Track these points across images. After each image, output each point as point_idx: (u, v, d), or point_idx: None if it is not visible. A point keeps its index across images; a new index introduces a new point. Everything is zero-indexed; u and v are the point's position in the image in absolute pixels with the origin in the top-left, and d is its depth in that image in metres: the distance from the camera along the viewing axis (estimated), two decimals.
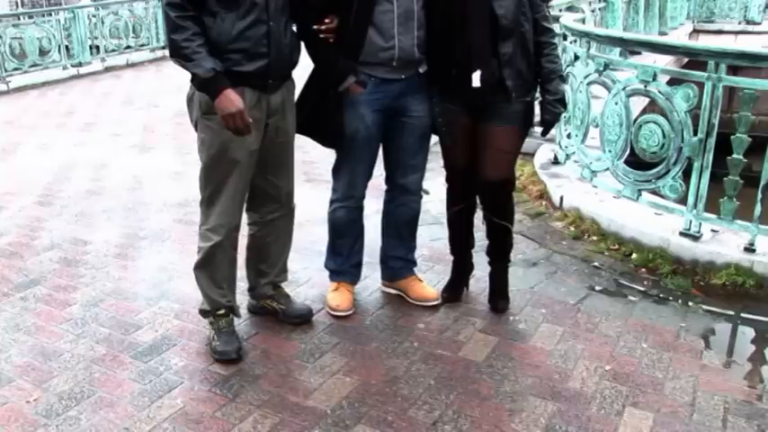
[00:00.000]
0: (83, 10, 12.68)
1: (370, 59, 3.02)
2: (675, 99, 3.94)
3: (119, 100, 9.69)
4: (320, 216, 3.54)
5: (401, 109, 3.17)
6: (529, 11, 3.07)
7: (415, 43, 3.05)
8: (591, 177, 4.69)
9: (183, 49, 2.67)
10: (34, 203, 5.31)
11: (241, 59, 2.75)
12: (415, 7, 3.02)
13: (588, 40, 4.68)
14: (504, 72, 3.04)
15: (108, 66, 12.51)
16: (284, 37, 2.86)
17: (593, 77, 4.57)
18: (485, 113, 3.15)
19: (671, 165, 4.03)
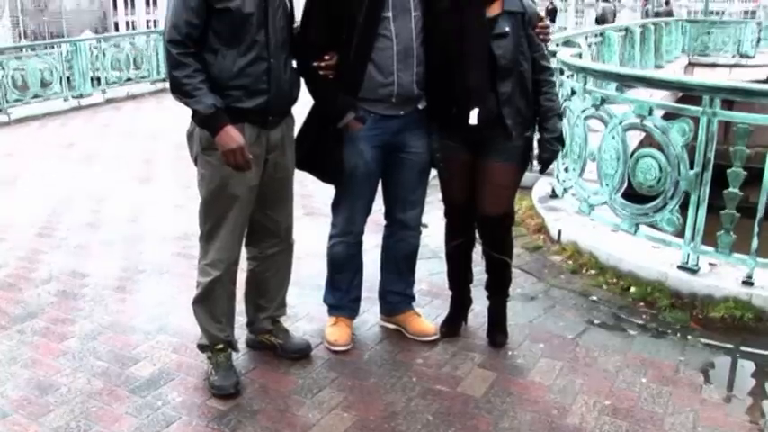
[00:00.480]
0: (85, 42, 12.82)
1: (369, 96, 3.05)
2: (671, 133, 3.97)
3: (119, 132, 9.75)
4: (319, 250, 3.54)
5: (400, 145, 3.19)
6: (527, 50, 3.10)
7: (414, 80, 3.07)
8: (589, 211, 4.71)
9: (184, 85, 2.70)
10: (33, 235, 5.32)
11: (241, 96, 2.78)
12: (414, 44, 3.05)
13: (585, 75, 4.74)
14: (503, 110, 3.07)
15: (109, 98, 12.61)
16: (284, 74, 2.89)
17: (590, 112, 4.61)
18: (483, 149, 3.17)
19: (668, 198, 4.05)
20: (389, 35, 3.00)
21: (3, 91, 10.92)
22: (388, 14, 3.00)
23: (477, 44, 3.03)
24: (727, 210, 3.88)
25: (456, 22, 3.04)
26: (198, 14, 2.71)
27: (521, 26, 3.08)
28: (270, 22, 2.81)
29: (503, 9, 3.07)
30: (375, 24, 2.98)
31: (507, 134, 3.10)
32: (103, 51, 13.06)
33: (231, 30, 2.74)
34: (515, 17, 3.07)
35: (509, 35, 3.04)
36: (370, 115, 3.08)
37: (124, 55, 13.31)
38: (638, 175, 4.19)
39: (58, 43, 13.08)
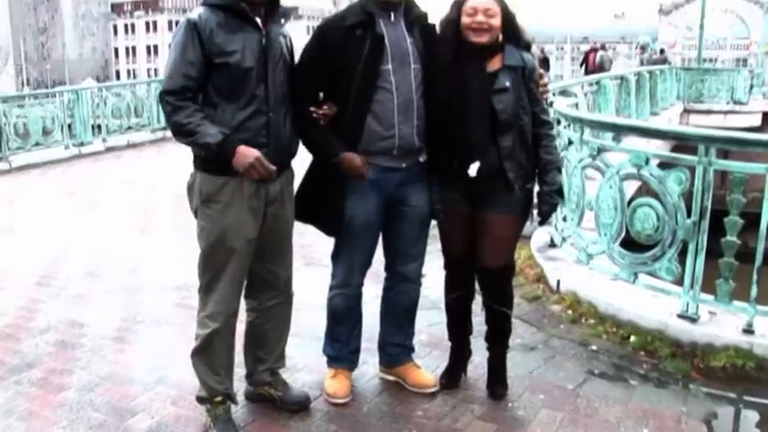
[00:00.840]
0: (86, 91, 12.97)
1: (370, 148, 3.07)
2: (668, 183, 4.01)
3: (119, 180, 9.80)
4: (319, 301, 3.54)
5: (401, 198, 3.21)
6: (528, 104, 3.15)
7: (414, 132, 3.10)
8: (587, 260, 4.72)
9: (185, 125, 2.73)
10: (33, 284, 5.31)
11: None
12: (414, 96, 3.09)
13: (581, 125, 4.79)
14: (504, 164, 3.11)
15: (109, 146, 12.71)
16: (284, 127, 2.93)
17: (587, 162, 4.66)
18: (484, 201, 3.19)
19: (666, 247, 4.07)
20: (390, 87, 3.04)
21: (5, 139, 11.01)
22: (388, 67, 3.05)
23: (479, 99, 3.08)
24: (726, 258, 3.88)
25: (457, 77, 3.09)
26: (196, 68, 2.76)
27: (521, 81, 3.13)
28: (270, 76, 2.85)
29: (503, 64, 3.13)
30: (375, 76, 3.02)
31: (509, 187, 3.14)
32: (105, 100, 13.22)
33: (230, 84, 2.79)
34: (515, 72, 3.13)
35: (509, 90, 3.09)
36: (372, 167, 3.09)
37: (125, 103, 13.46)
38: (635, 224, 4.21)
39: (60, 92, 13.22)
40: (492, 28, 3.10)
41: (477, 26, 3.09)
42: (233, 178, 2.82)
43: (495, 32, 3.12)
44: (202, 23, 2.77)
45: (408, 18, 3.15)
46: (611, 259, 4.48)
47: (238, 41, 2.78)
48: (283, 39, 2.99)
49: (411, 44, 3.11)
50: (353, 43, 3.02)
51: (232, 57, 2.77)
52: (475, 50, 3.10)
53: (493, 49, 3.13)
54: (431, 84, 3.12)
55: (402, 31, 3.12)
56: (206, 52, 2.76)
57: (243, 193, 2.84)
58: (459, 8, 3.14)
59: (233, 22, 2.82)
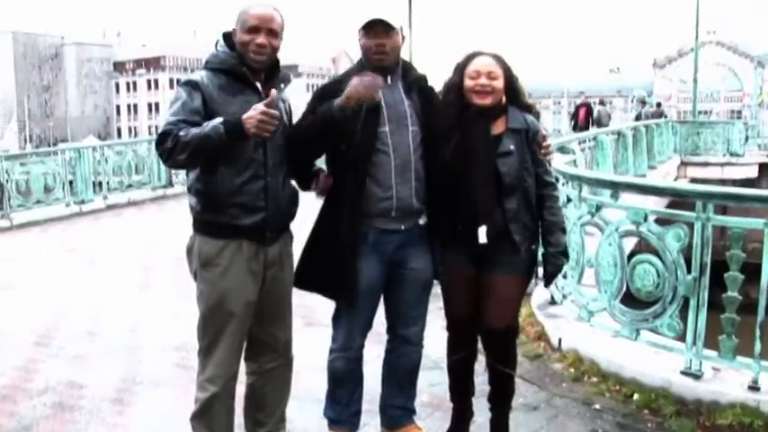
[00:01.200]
0: (88, 149, 13.08)
1: (368, 210, 3.08)
2: (667, 239, 4.02)
3: (120, 238, 9.81)
4: (319, 363, 3.51)
5: (402, 261, 3.20)
6: (531, 166, 3.19)
7: (413, 193, 3.11)
8: (588, 317, 4.71)
9: (186, 139, 2.66)
10: (31, 344, 5.27)
11: (239, 213, 2.83)
12: (412, 158, 3.11)
13: (579, 182, 4.84)
14: (510, 227, 3.12)
15: (110, 203, 12.75)
16: (282, 191, 2.95)
17: (586, 219, 4.69)
18: (489, 263, 3.19)
19: (667, 304, 4.06)
20: (387, 150, 3.07)
21: (6, 196, 11.06)
22: (385, 129, 3.08)
23: (484, 162, 3.11)
24: (728, 314, 3.87)
25: (461, 140, 3.13)
26: (197, 116, 2.74)
27: (524, 143, 3.17)
28: (268, 140, 2.87)
29: (507, 127, 3.17)
30: (373, 139, 3.05)
31: (515, 249, 3.14)
32: (106, 158, 13.33)
33: (229, 148, 2.77)
34: (519, 135, 3.17)
35: (514, 153, 3.13)
36: (372, 230, 3.10)
37: (126, 161, 13.56)
38: (636, 280, 4.21)
39: (62, 150, 13.34)
40: (495, 90, 3.15)
41: (480, 89, 3.14)
42: (232, 241, 2.84)
43: (498, 95, 3.17)
44: (204, 83, 2.82)
45: (406, 80, 3.20)
46: (613, 316, 4.46)
47: (238, 105, 2.80)
48: (282, 103, 3.02)
49: (409, 106, 3.15)
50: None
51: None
52: (479, 113, 3.15)
53: (496, 111, 3.18)
54: (432, 146, 3.14)
55: (399, 93, 3.16)
56: (207, 110, 2.77)
57: (242, 256, 2.85)
58: (461, 71, 3.20)
59: (234, 85, 2.86)
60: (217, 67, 2.88)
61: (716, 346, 3.92)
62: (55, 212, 11.68)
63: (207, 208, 2.87)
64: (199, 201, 2.90)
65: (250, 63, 2.87)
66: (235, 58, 2.88)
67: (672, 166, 19.48)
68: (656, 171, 16.35)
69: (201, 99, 2.78)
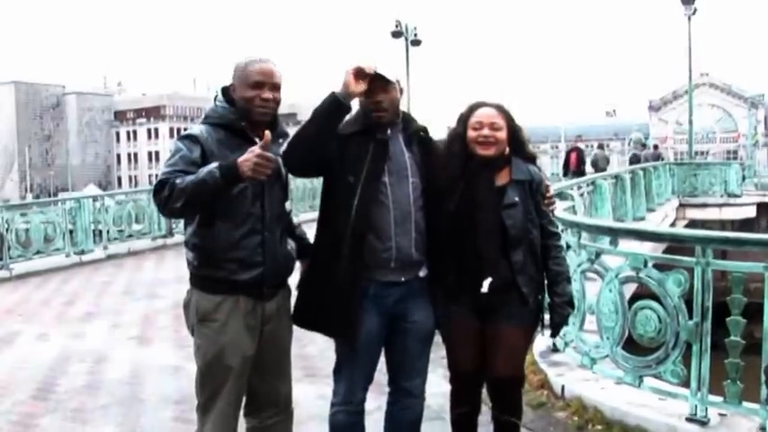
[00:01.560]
0: (88, 199, 13.12)
1: (368, 262, 3.07)
2: (668, 285, 4.02)
3: (119, 289, 9.77)
4: (321, 413, 3.48)
5: (402, 314, 3.18)
6: (536, 217, 3.21)
7: (412, 245, 3.11)
8: (591, 365, 4.67)
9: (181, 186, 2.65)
10: (29, 398, 5.21)
11: (236, 269, 2.83)
12: (412, 209, 3.11)
13: (578, 229, 4.85)
14: (518, 279, 3.14)
15: (110, 253, 12.70)
16: (279, 246, 2.96)
17: (585, 266, 4.69)
18: (495, 315, 3.18)
19: (670, 349, 4.03)
20: (386, 201, 3.08)
21: (6, 246, 11.03)
22: (386, 180, 3.09)
23: (489, 214, 3.14)
24: (731, 359, 3.83)
25: (466, 192, 3.15)
26: (194, 167, 2.74)
27: (528, 194, 3.20)
28: (266, 194, 2.89)
29: (511, 178, 3.20)
30: (374, 191, 3.06)
31: (523, 301, 3.15)
32: (106, 207, 13.35)
33: (227, 202, 2.80)
34: (523, 186, 3.20)
35: (518, 204, 3.15)
36: (371, 283, 3.10)
37: (126, 211, 13.56)
38: (637, 327, 4.19)
39: (63, 200, 13.37)
40: (498, 141, 3.19)
41: (483, 140, 3.18)
42: (229, 297, 2.84)
43: (502, 146, 3.21)
44: (203, 137, 2.84)
45: (406, 132, 3.22)
46: (615, 363, 4.43)
47: None
48: (280, 158, 3.05)
49: (409, 158, 3.16)
50: (355, 151, 3.08)
51: None
52: (482, 164, 3.18)
53: (500, 162, 3.21)
54: (434, 198, 3.15)
55: (399, 145, 3.18)
56: (206, 163, 2.77)
57: (239, 311, 2.84)
58: (464, 122, 3.25)
59: (232, 140, 2.87)
60: (216, 122, 2.91)
61: (721, 391, 3.88)
62: (55, 263, 11.64)
63: (204, 263, 2.87)
64: (196, 255, 2.90)
65: (256, 118, 2.89)
66: (233, 113, 2.91)
67: (670, 208, 19.52)
68: (655, 214, 16.38)
69: (201, 152, 2.80)
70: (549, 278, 3.24)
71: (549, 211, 3.30)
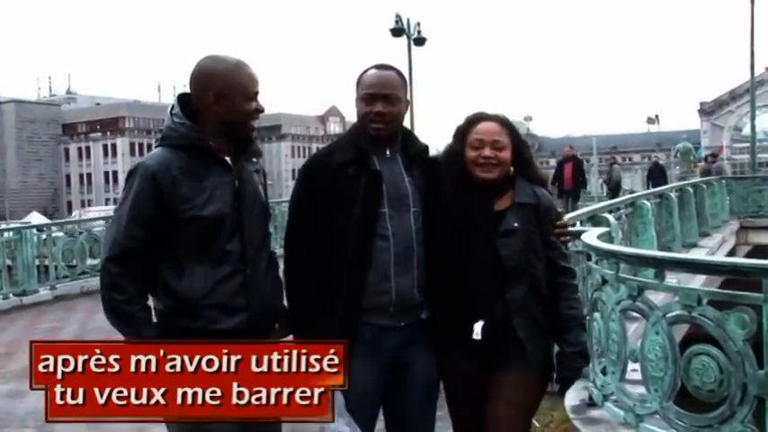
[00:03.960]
0: (31, 229, 13.07)
1: (364, 305, 3.09)
2: (729, 326, 3.96)
3: (70, 338, 9.70)
4: None
5: (403, 363, 3.18)
6: (540, 249, 3.18)
7: (414, 284, 3.13)
8: (637, 423, 4.61)
9: (121, 313, 2.80)
10: None
11: (216, 316, 2.83)
12: (414, 243, 3.13)
13: (616, 260, 4.82)
14: (514, 321, 3.10)
15: (59, 294, 12.70)
16: (264, 284, 2.96)
17: (626, 304, 4.63)
18: (492, 360, 3.17)
19: (735, 406, 3.96)
20: (386, 234, 3.10)
21: None
22: (384, 210, 3.11)
23: (481, 243, 3.12)
24: None
25: (458, 218, 3.14)
26: (145, 229, 2.80)
27: (533, 221, 3.17)
28: (246, 226, 2.90)
29: (513, 201, 3.18)
30: (373, 223, 3.08)
31: (520, 348, 3.10)
32: (54, 239, 13.31)
33: (200, 241, 2.82)
34: (527, 210, 3.18)
35: (518, 232, 3.13)
36: (368, 327, 3.10)
37: (78, 244, 13.55)
38: (692, 377, 4.13)
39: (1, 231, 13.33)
40: (501, 162, 3.18)
41: (485, 161, 3.17)
42: None
43: (506, 167, 3.21)
44: (162, 172, 2.82)
45: (407, 153, 3.24)
46: (667, 421, 4.37)
47: (208, 192, 2.84)
48: (257, 176, 3.05)
49: (409, 183, 3.19)
50: (346, 184, 3.09)
51: (201, 209, 2.81)
52: (482, 187, 3.16)
53: (503, 185, 3.19)
54: (431, 227, 3.17)
55: (399, 168, 3.20)
56: (167, 209, 2.80)
57: None
58: (462, 139, 3.24)
59: (198, 164, 2.87)
60: (176, 144, 2.90)
61: None
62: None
63: (176, 311, 2.86)
64: (166, 303, 2.89)
65: (249, 134, 2.99)
66: (196, 130, 2.90)
67: (729, 231, 19.39)
68: (709, 239, 16.29)
69: (158, 198, 2.80)
70: (559, 324, 3.20)
71: (561, 242, 3.27)
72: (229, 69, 2.93)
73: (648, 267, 4.69)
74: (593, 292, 4.77)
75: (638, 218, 10.74)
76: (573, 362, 3.21)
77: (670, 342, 4.31)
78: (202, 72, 2.94)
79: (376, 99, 3.15)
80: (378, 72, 3.25)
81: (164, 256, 2.85)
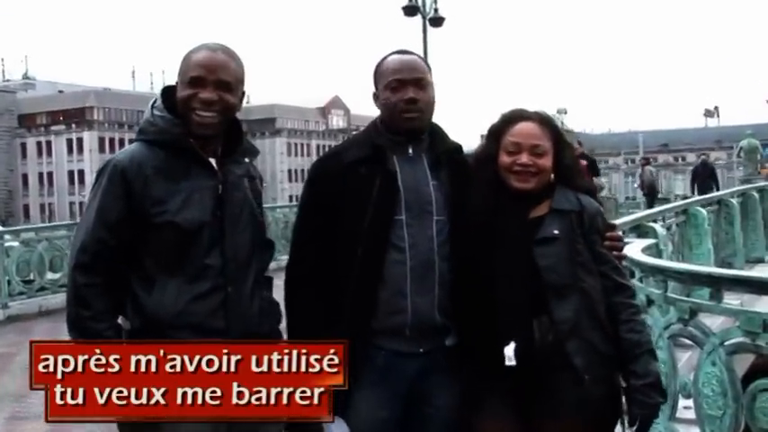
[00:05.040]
0: None
1: (375, 326, 3.09)
2: None
3: (22, 366, 9.69)
4: None
5: (423, 396, 3.16)
6: (589, 261, 3.13)
7: (435, 304, 3.11)
8: None
9: (85, 329, 2.80)
10: None
11: (189, 338, 2.80)
12: (435, 257, 3.11)
13: (664, 277, 4.81)
14: (567, 346, 3.02)
15: (12, 314, 12.69)
16: (249, 304, 2.96)
17: (676, 328, 4.63)
18: (539, 403, 3.07)
19: None
20: (402, 245, 3.09)
21: None
22: (401, 217, 3.11)
23: (513, 250, 3.09)
24: None
25: (489, 226, 3.12)
26: (118, 233, 2.81)
27: (576, 229, 3.12)
28: (228, 237, 2.90)
29: (551, 207, 3.15)
30: (387, 231, 3.08)
31: (577, 379, 3.02)
32: (7, 250, 13.30)
33: (173, 251, 2.83)
34: (569, 217, 3.13)
35: (559, 240, 3.09)
36: (380, 353, 3.10)
37: (36, 255, 13.55)
38: (758, 417, 4.12)
39: None
40: (541, 171, 3.14)
41: (521, 169, 3.14)
42: None
43: (545, 176, 3.17)
44: (134, 170, 2.84)
45: (434, 152, 3.24)
46: None
47: (183, 195, 2.85)
48: (248, 181, 3.05)
49: (434, 188, 3.18)
50: (358, 185, 3.11)
51: (175, 215, 2.82)
52: (517, 197, 3.15)
53: (541, 195, 3.17)
54: (457, 239, 3.15)
55: (423, 170, 3.20)
56: (137, 210, 2.81)
57: None
58: (497, 140, 3.21)
59: (176, 164, 2.88)
60: (153, 139, 2.92)
61: None
62: None
63: (144, 331, 2.85)
64: (134, 322, 2.90)
65: (193, 130, 2.91)
66: (177, 125, 2.92)
67: None
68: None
69: (128, 199, 2.83)
70: (624, 351, 3.09)
71: (614, 256, 3.22)
72: (187, 54, 2.98)
73: (703, 286, 4.68)
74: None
75: (692, 228, 10.69)
76: (646, 397, 3.05)
77: (729, 375, 4.30)
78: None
79: (406, 85, 3.16)
80: (402, 56, 3.27)
81: (135, 266, 2.87)
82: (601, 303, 3.11)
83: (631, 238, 6.55)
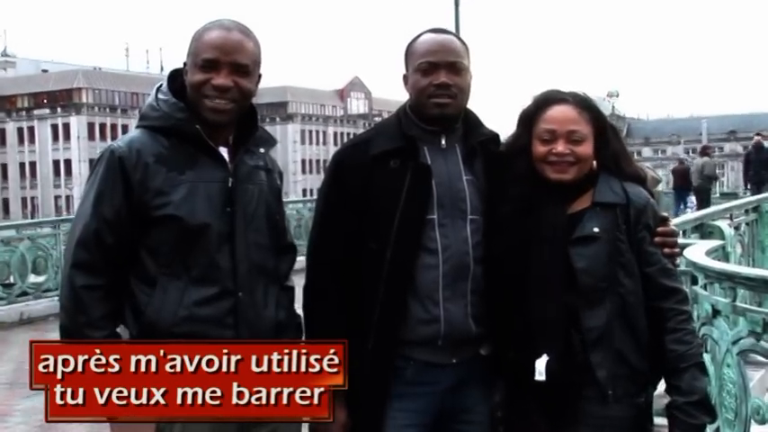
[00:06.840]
0: None
1: (405, 336, 3.12)
2: None
3: (2, 379, 9.80)
4: None
5: (456, 409, 3.21)
6: (632, 261, 3.12)
7: (468, 312, 3.15)
8: None
9: (83, 336, 2.84)
10: None
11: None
12: (470, 261, 3.15)
13: (733, 284, 4.78)
14: (591, 357, 3.04)
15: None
16: (263, 311, 3.00)
17: (746, 343, 4.60)
18: (566, 418, 3.11)
19: None
20: (434, 247, 3.12)
21: None
22: (433, 217, 3.14)
23: (548, 252, 3.10)
24: None
25: (522, 225, 3.13)
26: (118, 227, 2.84)
27: (619, 226, 3.12)
28: (238, 235, 2.92)
29: (593, 201, 3.15)
30: (417, 231, 3.11)
31: (601, 394, 3.04)
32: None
33: (176, 248, 2.86)
34: (612, 212, 3.13)
35: (599, 239, 3.09)
36: (409, 363, 3.13)
37: (17, 256, 13.63)
38: None
39: None
40: (579, 159, 3.15)
41: (557, 158, 3.14)
42: None
43: (585, 164, 3.17)
44: (132, 159, 2.87)
45: (468, 143, 3.26)
46: None
47: (186, 187, 2.87)
48: (265, 175, 3.08)
49: (469, 183, 3.21)
50: (386, 181, 3.14)
51: (177, 208, 2.84)
52: (554, 190, 3.15)
53: (581, 186, 3.16)
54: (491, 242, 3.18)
55: (456, 163, 3.23)
56: (137, 203, 2.84)
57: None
58: (530, 127, 3.21)
59: (181, 152, 2.91)
60: (156, 126, 2.94)
61: None
62: None
63: (142, 337, 2.88)
64: (131, 327, 2.93)
65: (205, 116, 2.93)
66: (183, 110, 2.94)
67: None
68: None
69: (125, 190, 2.86)
70: (667, 364, 3.10)
71: (666, 254, 3.19)
72: (197, 32, 3.00)
73: None
74: (700, 327, 4.71)
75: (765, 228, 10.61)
76: (689, 417, 3.04)
77: None
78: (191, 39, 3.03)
79: (438, 68, 3.18)
80: (436, 36, 3.29)
81: (134, 266, 2.89)
82: (639, 310, 3.12)
83: (694, 239, 6.53)
